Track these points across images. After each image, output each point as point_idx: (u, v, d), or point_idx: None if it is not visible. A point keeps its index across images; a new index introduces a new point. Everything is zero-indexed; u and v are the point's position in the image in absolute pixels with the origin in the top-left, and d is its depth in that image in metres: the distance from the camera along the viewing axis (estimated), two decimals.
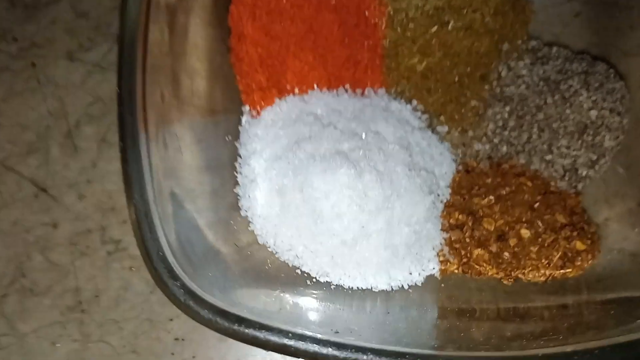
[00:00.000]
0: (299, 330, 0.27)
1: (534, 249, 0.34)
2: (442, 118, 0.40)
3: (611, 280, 0.34)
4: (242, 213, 0.34)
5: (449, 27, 0.39)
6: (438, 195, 0.37)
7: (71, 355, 0.35)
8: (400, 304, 0.33)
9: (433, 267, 0.35)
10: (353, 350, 0.26)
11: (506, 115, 0.40)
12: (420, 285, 0.35)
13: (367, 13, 0.39)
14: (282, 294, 0.31)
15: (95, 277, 0.36)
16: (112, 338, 0.35)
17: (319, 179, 0.32)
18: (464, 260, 0.35)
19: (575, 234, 0.34)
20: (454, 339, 0.32)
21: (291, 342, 0.26)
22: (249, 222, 0.34)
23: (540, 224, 0.35)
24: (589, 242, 0.34)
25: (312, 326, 0.30)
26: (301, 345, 0.26)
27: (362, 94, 0.39)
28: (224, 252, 0.31)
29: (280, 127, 0.36)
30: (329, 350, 0.25)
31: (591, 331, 0.31)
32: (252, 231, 0.33)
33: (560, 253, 0.34)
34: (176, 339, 0.35)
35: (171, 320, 0.36)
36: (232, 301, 0.26)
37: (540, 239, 0.35)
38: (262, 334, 0.26)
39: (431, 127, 0.40)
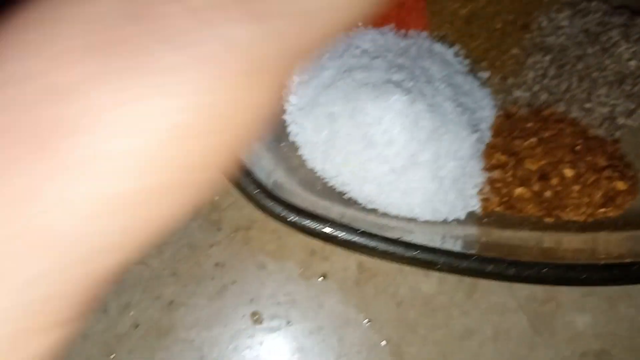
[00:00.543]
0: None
1: (577, 187, 0.35)
2: (483, 64, 0.40)
3: None
4: (290, 138, 0.34)
5: None
6: (481, 135, 0.37)
7: None
8: (443, 236, 0.34)
9: (475, 204, 0.35)
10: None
11: (546, 64, 0.40)
12: (462, 219, 0.35)
13: None
14: (332, 207, 0.31)
15: None
16: (152, 261, 0.35)
17: (371, 104, 0.32)
18: (505, 198, 0.36)
19: (616, 174, 0.35)
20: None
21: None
22: (298, 147, 0.34)
23: (582, 165, 0.36)
24: (630, 182, 0.35)
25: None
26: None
27: (405, 36, 0.40)
28: (279, 170, 0.30)
29: (328, 59, 0.36)
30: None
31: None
32: (301, 155, 0.33)
33: (602, 192, 0.34)
34: (216, 264, 0.35)
35: (211, 246, 0.35)
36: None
37: (582, 179, 0.35)
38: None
39: (473, 72, 0.40)
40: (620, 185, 0.35)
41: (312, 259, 0.36)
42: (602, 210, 0.34)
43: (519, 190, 0.36)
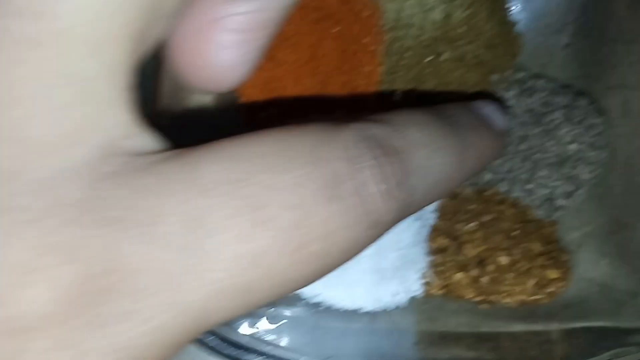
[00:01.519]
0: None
1: (510, 275, 0.37)
2: None
3: (580, 309, 0.37)
4: None
5: (442, 58, 0.41)
6: (425, 220, 0.39)
7: None
8: (384, 325, 0.36)
9: (417, 289, 0.38)
10: None
11: None
12: (403, 306, 0.37)
13: (366, 40, 0.40)
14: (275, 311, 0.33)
15: None
16: None
17: None
18: (446, 283, 0.38)
19: (548, 262, 0.37)
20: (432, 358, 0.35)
21: None
22: None
23: (517, 251, 0.38)
24: (561, 270, 0.37)
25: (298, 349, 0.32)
26: None
27: None
28: None
29: None
30: None
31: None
32: None
33: (534, 280, 0.37)
34: None
35: None
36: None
37: (516, 266, 0.37)
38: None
39: None
40: (552, 273, 0.37)
41: None
42: (534, 297, 0.37)
43: (458, 275, 0.38)
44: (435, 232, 0.39)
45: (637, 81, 0.40)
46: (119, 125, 0.14)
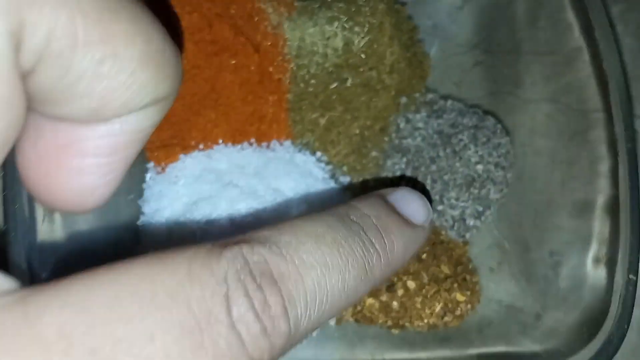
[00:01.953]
0: None
1: (418, 299, 0.37)
2: (344, 169, 0.42)
3: (490, 332, 0.37)
4: None
5: (348, 83, 0.41)
6: None
7: None
8: (298, 357, 0.36)
9: None
10: None
11: (403, 166, 0.42)
12: (316, 335, 0.37)
13: (271, 69, 0.41)
14: None
15: None
16: None
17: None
18: (358, 308, 0.38)
19: (456, 285, 0.37)
20: None
21: None
22: None
23: (425, 275, 0.38)
24: (468, 293, 0.37)
25: None
26: None
27: (268, 146, 0.41)
28: None
29: (182, 185, 0.38)
30: None
31: None
32: None
33: (441, 304, 0.37)
34: None
35: None
36: None
37: (424, 290, 0.37)
38: None
39: (335, 177, 0.42)
40: (459, 296, 0.37)
41: None
42: (443, 321, 0.37)
43: (369, 301, 0.38)
44: None
45: (540, 96, 0.41)
46: None
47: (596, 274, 0.33)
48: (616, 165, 0.35)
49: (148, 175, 0.38)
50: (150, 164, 0.39)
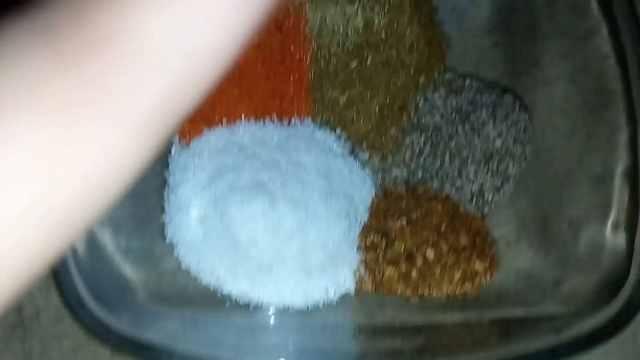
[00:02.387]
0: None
1: (438, 268, 0.38)
2: (363, 145, 0.43)
3: (509, 299, 0.37)
4: (168, 239, 0.37)
5: (368, 62, 0.42)
6: (356, 218, 0.40)
7: None
8: (319, 321, 0.37)
9: (348, 286, 0.38)
10: None
11: (422, 143, 0.43)
12: (335, 303, 0.38)
13: (292, 48, 0.42)
14: (201, 317, 0.34)
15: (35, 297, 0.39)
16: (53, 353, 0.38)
17: (236, 208, 0.35)
18: (377, 279, 0.39)
19: (474, 255, 0.38)
20: (370, 353, 0.35)
21: None
22: (174, 248, 0.37)
23: (444, 246, 0.38)
24: (487, 262, 0.38)
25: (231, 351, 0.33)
26: None
27: (289, 123, 0.42)
28: (141, 279, 0.33)
29: (207, 157, 0.39)
30: None
31: (492, 347, 0.35)
32: (175, 257, 0.36)
33: (460, 272, 0.37)
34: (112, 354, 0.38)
35: None
36: (144, 327, 0.29)
37: (443, 260, 0.38)
38: None
39: (354, 154, 0.43)
40: (478, 266, 0.37)
41: None
42: (462, 290, 0.37)
43: (388, 271, 0.38)
44: (366, 229, 0.40)
45: (557, 75, 0.41)
46: None
47: (616, 238, 0.33)
48: (634, 135, 0.35)
49: (173, 149, 0.40)
50: (175, 138, 0.40)
